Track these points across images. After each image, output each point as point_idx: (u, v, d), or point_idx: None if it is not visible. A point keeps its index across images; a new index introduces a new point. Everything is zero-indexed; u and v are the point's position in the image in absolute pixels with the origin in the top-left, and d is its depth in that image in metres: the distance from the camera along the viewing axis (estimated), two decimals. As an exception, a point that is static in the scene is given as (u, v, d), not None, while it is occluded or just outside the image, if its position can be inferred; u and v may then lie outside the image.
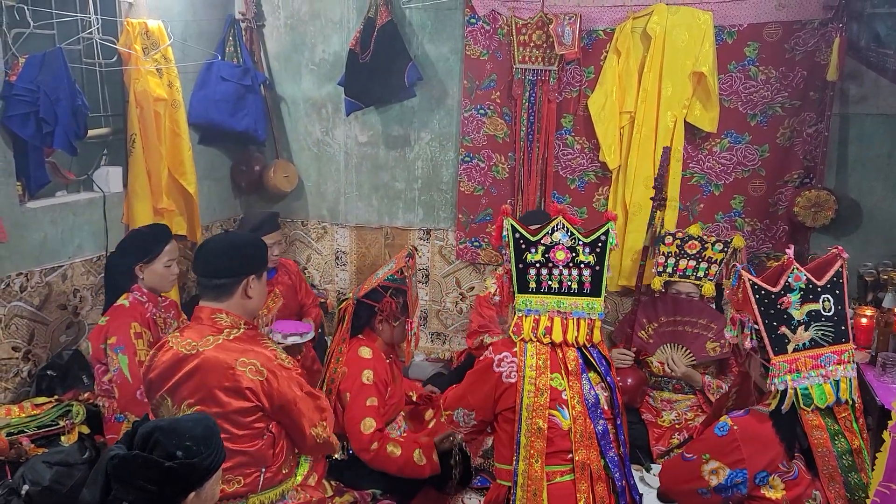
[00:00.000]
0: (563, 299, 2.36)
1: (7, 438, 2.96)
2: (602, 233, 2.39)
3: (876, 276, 3.62)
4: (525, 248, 2.36)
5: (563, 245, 2.35)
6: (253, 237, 2.73)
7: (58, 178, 3.68)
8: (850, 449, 2.18)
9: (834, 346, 2.20)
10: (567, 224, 2.36)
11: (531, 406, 2.30)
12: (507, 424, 2.40)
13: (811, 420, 2.17)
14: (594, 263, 2.37)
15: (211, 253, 2.47)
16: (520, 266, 2.35)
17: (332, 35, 4.73)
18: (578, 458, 2.33)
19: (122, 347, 3.00)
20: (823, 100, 3.89)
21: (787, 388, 2.16)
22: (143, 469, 1.61)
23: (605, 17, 4.18)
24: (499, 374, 2.37)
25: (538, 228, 2.38)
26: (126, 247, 3.22)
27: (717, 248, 3.70)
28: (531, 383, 2.31)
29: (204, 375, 2.29)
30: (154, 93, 3.90)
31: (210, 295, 2.43)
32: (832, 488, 2.17)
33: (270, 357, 2.37)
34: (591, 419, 2.36)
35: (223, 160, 4.86)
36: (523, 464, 2.31)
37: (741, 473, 2.16)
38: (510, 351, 2.39)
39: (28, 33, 3.37)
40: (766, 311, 2.18)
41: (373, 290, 3.11)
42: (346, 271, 5.05)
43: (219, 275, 2.41)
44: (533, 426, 2.30)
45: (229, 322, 2.41)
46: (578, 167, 4.40)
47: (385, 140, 4.79)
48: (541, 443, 2.30)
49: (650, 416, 3.67)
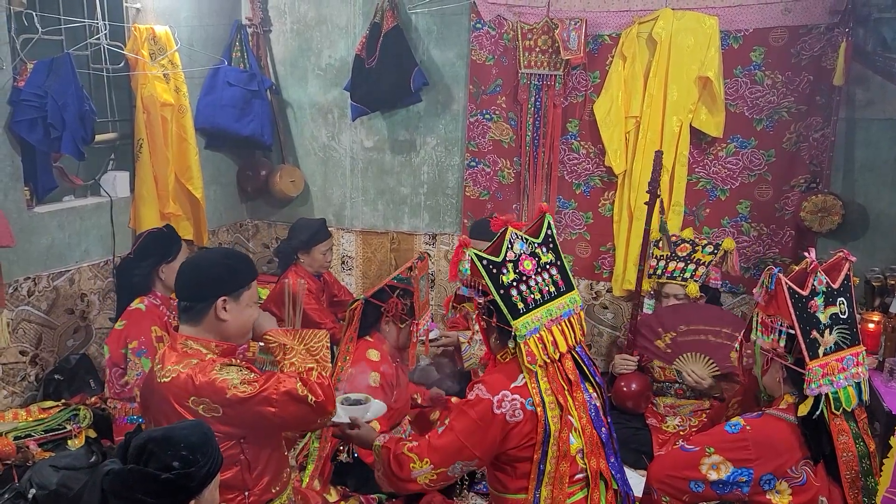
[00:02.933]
0: (550, 306, 2.27)
1: (14, 442, 2.97)
2: (546, 227, 2.32)
3: (883, 280, 3.60)
4: (496, 272, 2.21)
5: (525, 254, 2.25)
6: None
7: (65, 183, 3.70)
8: (867, 452, 2.18)
9: (852, 348, 2.21)
10: (518, 232, 2.27)
11: (556, 433, 2.20)
12: (521, 462, 2.27)
13: (838, 424, 2.16)
14: (555, 260, 2.31)
15: (180, 272, 2.30)
16: (501, 292, 2.20)
17: (339, 40, 4.75)
18: (593, 466, 2.29)
19: (145, 351, 3.03)
20: (830, 104, 3.88)
21: (822, 392, 2.14)
22: (139, 483, 1.57)
23: (611, 21, 4.18)
24: (502, 416, 2.20)
25: (494, 247, 2.26)
26: (147, 248, 3.21)
27: (706, 251, 3.67)
28: (553, 408, 2.21)
29: (164, 405, 2.15)
30: (161, 98, 3.92)
31: (183, 318, 2.26)
32: (852, 494, 2.16)
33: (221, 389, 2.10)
34: (595, 429, 2.34)
35: (229, 165, 4.88)
36: (546, 490, 2.21)
37: (746, 472, 2.16)
38: (508, 388, 2.22)
39: (36, 39, 3.40)
40: (800, 315, 2.16)
41: (380, 289, 3.11)
42: (351, 276, 5.06)
43: (183, 297, 2.25)
44: (560, 451, 2.21)
45: (195, 349, 2.20)
46: (584, 172, 4.40)
47: (391, 145, 4.80)
48: (565, 465, 2.23)
49: (654, 422, 3.65)
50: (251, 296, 2.30)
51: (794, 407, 2.23)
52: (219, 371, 2.13)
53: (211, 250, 2.55)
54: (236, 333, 2.28)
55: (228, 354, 2.27)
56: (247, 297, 2.28)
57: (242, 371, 2.17)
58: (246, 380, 2.12)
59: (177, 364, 2.15)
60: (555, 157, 4.36)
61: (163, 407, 2.14)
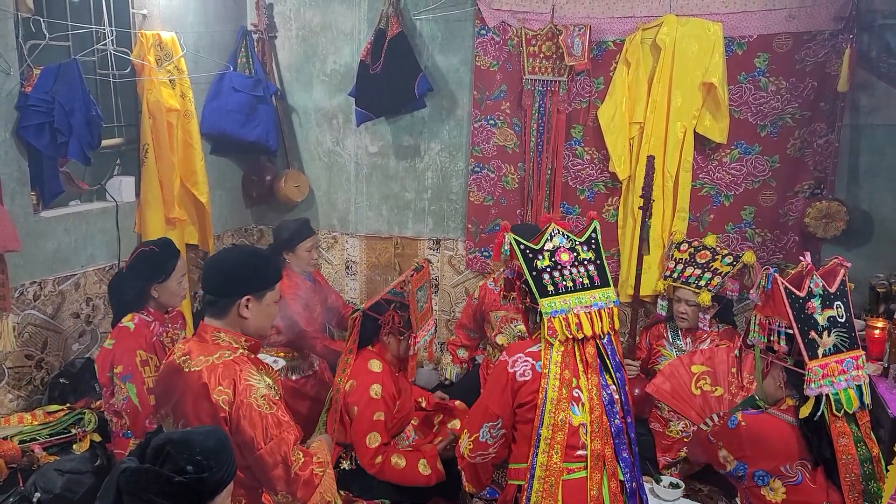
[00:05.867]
0: (581, 295, 2.43)
1: (19, 446, 2.98)
2: (592, 231, 2.53)
3: (887, 287, 3.59)
4: (532, 256, 2.45)
5: (563, 247, 2.47)
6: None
7: (71, 188, 3.72)
8: (870, 457, 2.19)
9: (851, 351, 2.23)
10: (560, 228, 2.49)
11: (555, 399, 2.34)
12: (524, 424, 2.44)
13: (839, 427, 2.19)
14: (594, 258, 2.50)
15: (207, 268, 2.41)
16: (533, 273, 2.42)
17: (344, 46, 4.77)
18: (593, 449, 2.37)
19: (130, 376, 2.89)
20: (834, 110, 3.88)
21: (822, 393, 2.18)
22: (153, 483, 1.60)
23: (615, 28, 4.19)
24: (512, 374, 2.42)
25: (536, 238, 2.48)
26: (138, 268, 3.05)
27: (726, 262, 3.62)
28: (555, 378, 2.35)
29: (188, 395, 2.21)
30: (167, 103, 3.94)
31: (208, 312, 2.34)
32: (851, 496, 2.17)
33: (247, 390, 2.17)
34: (607, 416, 2.40)
35: (235, 170, 4.90)
36: (543, 457, 2.34)
37: (742, 467, 2.28)
38: (523, 351, 2.44)
39: (43, 45, 3.42)
40: (798, 315, 2.21)
41: (377, 302, 3.13)
42: (356, 281, 5.06)
43: (212, 292, 2.33)
44: (556, 419, 2.34)
45: (227, 342, 2.29)
46: (588, 178, 4.40)
47: (395, 150, 4.81)
48: (562, 435, 2.35)
49: (658, 427, 3.65)
50: (273, 296, 2.39)
51: (795, 409, 2.26)
52: (250, 375, 2.21)
53: (238, 248, 2.63)
54: (256, 331, 2.38)
55: (255, 350, 2.38)
56: (269, 297, 2.37)
57: (271, 387, 2.25)
58: (268, 397, 2.20)
59: (209, 355, 2.22)
60: (559, 163, 4.37)
61: (186, 396, 2.20)
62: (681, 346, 3.74)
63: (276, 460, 2.18)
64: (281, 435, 2.18)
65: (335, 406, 3.07)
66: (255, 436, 2.16)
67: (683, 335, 3.76)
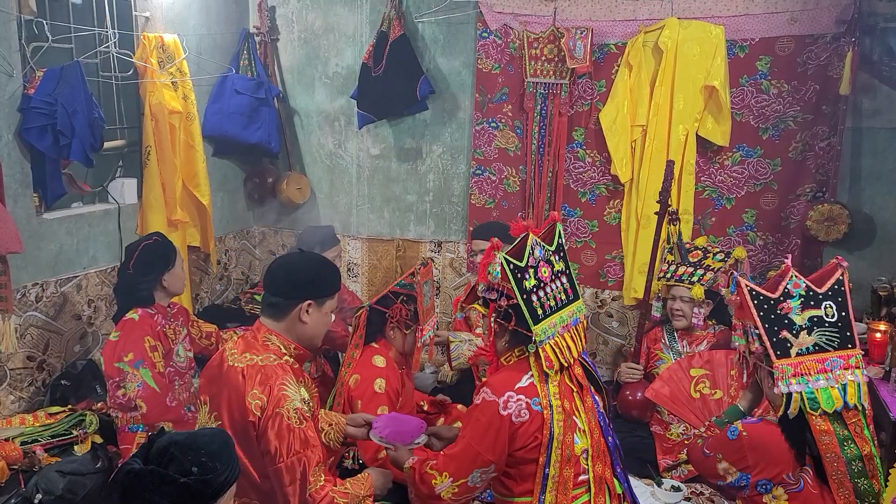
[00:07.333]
0: (562, 313, 2.29)
1: (21, 447, 2.98)
2: (558, 237, 2.33)
3: (890, 290, 3.59)
4: (520, 276, 2.20)
5: (542, 261, 2.25)
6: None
7: (74, 190, 3.72)
8: (860, 455, 2.19)
9: (840, 350, 2.23)
10: (537, 239, 2.26)
11: (560, 436, 2.21)
12: (524, 464, 2.27)
13: (819, 425, 2.20)
14: (564, 268, 2.33)
15: (273, 269, 2.41)
16: (524, 297, 2.19)
17: (346, 49, 4.77)
18: (596, 473, 2.30)
19: (142, 361, 3.02)
20: (836, 114, 3.88)
21: (793, 391, 2.19)
22: (157, 484, 1.60)
23: (617, 31, 4.20)
24: (507, 417, 2.19)
25: (515, 251, 2.24)
26: (148, 261, 3.16)
27: (717, 258, 3.66)
28: (559, 412, 2.21)
29: (224, 389, 2.24)
30: (169, 105, 3.95)
31: (266, 312, 2.36)
32: (841, 494, 2.18)
33: (282, 399, 2.17)
34: (603, 435, 2.36)
35: (237, 172, 4.90)
36: (551, 495, 2.22)
37: (745, 478, 2.26)
38: (513, 389, 2.22)
39: (46, 47, 3.42)
40: (765, 316, 2.24)
41: (384, 296, 3.13)
42: (357, 283, 5.06)
43: (274, 293, 2.34)
44: (563, 455, 2.22)
45: (276, 346, 2.32)
46: (589, 180, 4.40)
47: (397, 153, 4.82)
48: (569, 469, 2.24)
49: (659, 429, 3.64)
50: (331, 305, 2.43)
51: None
52: (288, 385, 2.22)
53: (306, 254, 2.63)
54: (311, 338, 2.40)
55: (301, 360, 2.40)
56: (328, 305, 2.41)
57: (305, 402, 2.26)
58: (300, 411, 2.20)
59: (254, 354, 2.25)
60: (560, 166, 4.37)
61: (223, 389, 2.24)
62: (678, 350, 3.74)
63: (293, 477, 2.17)
64: (305, 452, 2.18)
65: (338, 400, 3.07)
66: (279, 447, 2.16)
67: (680, 337, 3.75)
